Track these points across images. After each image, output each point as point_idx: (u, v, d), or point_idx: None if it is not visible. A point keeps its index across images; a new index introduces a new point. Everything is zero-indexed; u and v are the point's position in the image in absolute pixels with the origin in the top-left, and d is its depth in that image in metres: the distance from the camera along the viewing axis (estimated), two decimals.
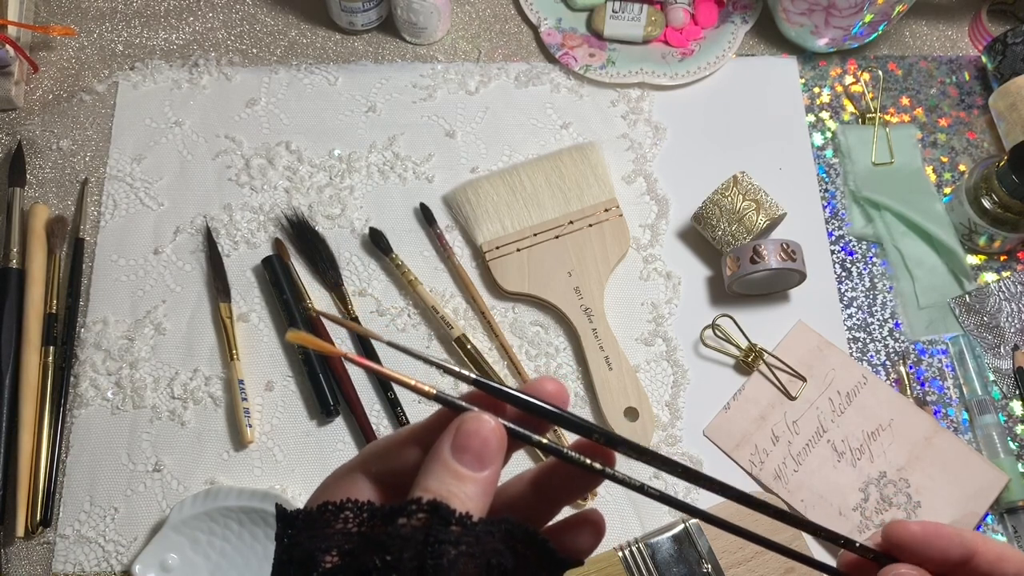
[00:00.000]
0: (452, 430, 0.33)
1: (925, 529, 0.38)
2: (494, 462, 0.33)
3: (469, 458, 0.33)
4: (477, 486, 0.32)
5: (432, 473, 0.33)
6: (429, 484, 0.32)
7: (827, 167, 0.85)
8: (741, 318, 0.76)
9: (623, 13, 0.87)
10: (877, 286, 0.80)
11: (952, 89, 0.88)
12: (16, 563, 0.70)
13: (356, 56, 0.89)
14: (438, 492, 0.32)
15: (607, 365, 0.75)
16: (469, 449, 0.33)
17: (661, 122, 0.86)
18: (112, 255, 0.80)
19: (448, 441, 0.33)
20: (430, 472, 0.33)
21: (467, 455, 0.33)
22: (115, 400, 0.75)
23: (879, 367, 0.77)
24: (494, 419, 0.33)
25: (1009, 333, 0.78)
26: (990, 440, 0.74)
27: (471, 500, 0.32)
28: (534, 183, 0.81)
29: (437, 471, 0.33)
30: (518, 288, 0.78)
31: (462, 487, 0.32)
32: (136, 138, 0.84)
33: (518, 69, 0.88)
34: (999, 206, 0.77)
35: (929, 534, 0.38)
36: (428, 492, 0.32)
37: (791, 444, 0.74)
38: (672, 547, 0.68)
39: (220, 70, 0.87)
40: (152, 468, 0.73)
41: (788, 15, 0.85)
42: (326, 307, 0.78)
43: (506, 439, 0.34)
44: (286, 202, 0.82)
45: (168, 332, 0.77)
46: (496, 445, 0.33)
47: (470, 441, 0.33)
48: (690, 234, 0.82)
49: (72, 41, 0.89)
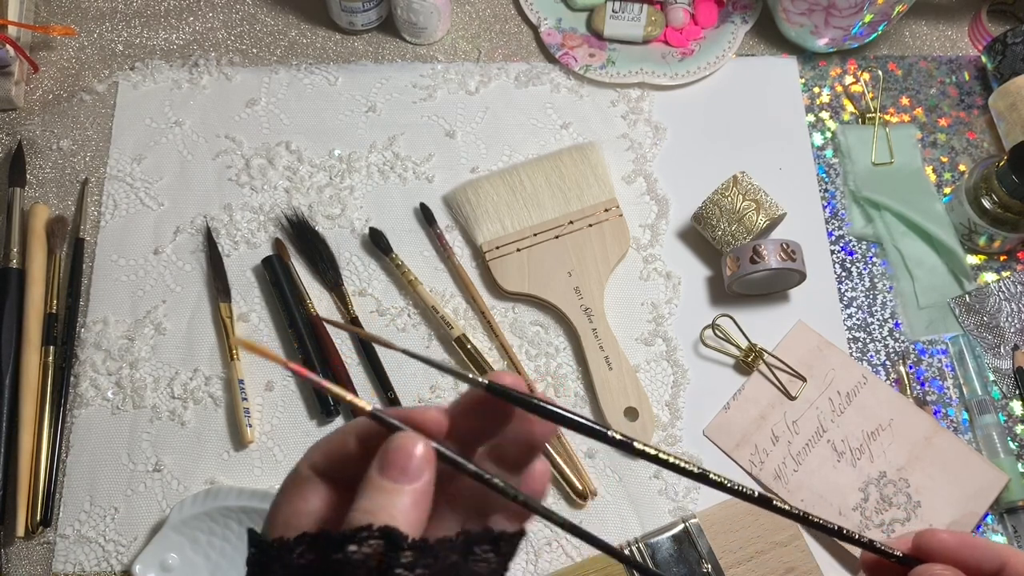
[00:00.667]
0: (381, 451, 0.34)
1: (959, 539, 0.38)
2: (421, 475, 0.34)
3: (395, 472, 0.34)
4: (407, 498, 0.33)
5: (363, 494, 0.34)
6: (361, 504, 0.33)
7: (827, 167, 0.85)
8: (741, 318, 0.76)
9: (623, 13, 0.87)
10: (877, 286, 0.80)
11: (952, 89, 0.88)
12: (16, 563, 0.70)
13: (356, 56, 0.89)
14: (369, 510, 0.33)
15: (607, 365, 0.75)
16: (395, 464, 0.34)
17: (661, 122, 0.86)
18: (112, 255, 0.80)
19: (376, 461, 0.34)
20: (362, 493, 0.34)
21: (393, 470, 0.34)
22: (115, 400, 0.75)
23: (879, 367, 0.77)
24: (420, 438, 0.34)
25: (1009, 333, 0.78)
26: (990, 440, 0.74)
27: (402, 513, 0.33)
28: (534, 183, 0.81)
29: (367, 491, 0.34)
30: (518, 288, 0.78)
31: (392, 500, 0.33)
32: (136, 138, 0.84)
33: (518, 69, 0.88)
34: (999, 206, 0.77)
35: (964, 544, 0.38)
36: (360, 511, 0.33)
37: (791, 444, 0.74)
38: (672, 547, 0.68)
39: (220, 70, 0.87)
40: (152, 468, 0.73)
41: (788, 15, 0.85)
42: (326, 307, 0.78)
43: (433, 455, 0.34)
44: (286, 202, 0.82)
45: (168, 332, 0.77)
46: (421, 458, 0.34)
47: (396, 456, 0.34)
48: (690, 234, 0.82)
49: (72, 41, 0.89)
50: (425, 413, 0.36)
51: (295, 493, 0.36)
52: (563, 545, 0.71)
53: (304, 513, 0.36)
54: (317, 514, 0.36)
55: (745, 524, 0.69)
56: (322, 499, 0.36)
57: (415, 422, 0.35)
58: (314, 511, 0.36)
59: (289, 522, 0.36)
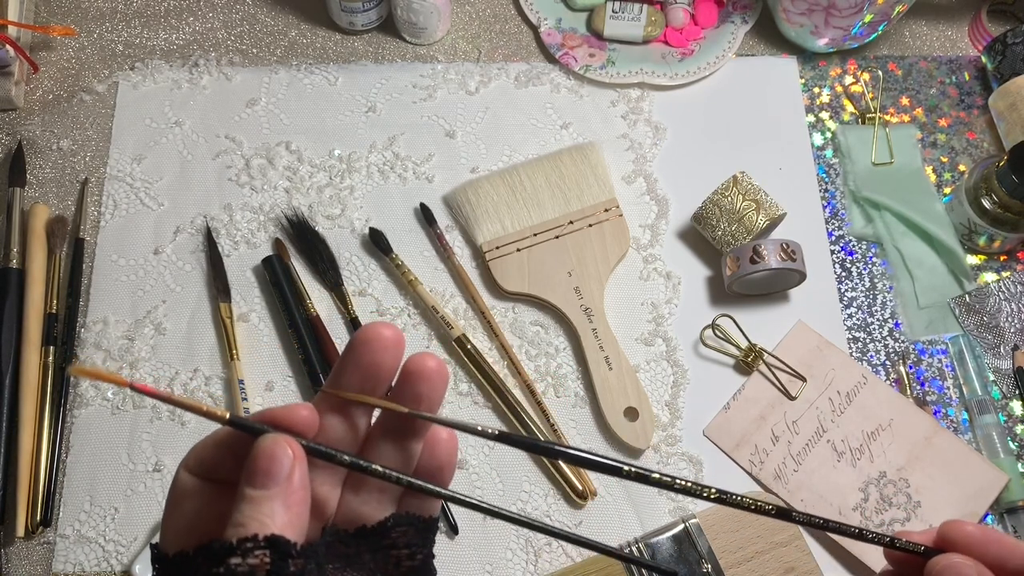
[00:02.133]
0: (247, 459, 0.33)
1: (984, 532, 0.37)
2: (286, 477, 0.32)
3: (260, 478, 0.32)
4: (274, 502, 0.32)
5: (236, 507, 0.33)
6: (234, 518, 0.32)
7: (827, 167, 0.85)
8: (741, 318, 0.76)
9: (623, 13, 0.87)
10: (877, 286, 0.80)
11: (952, 89, 0.88)
12: (16, 563, 0.70)
13: (356, 56, 0.89)
14: (241, 523, 0.32)
15: (607, 365, 0.75)
16: (258, 471, 0.32)
17: (661, 122, 0.86)
18: (112, 255, 0.80)
19: (244, 471, 0.33)
20: (235, 506, 0.33)
21: (257, 476, 0.32)
22: (115, 400, 0.75)
23: (879, 367, 0.77)
24: (285, 437, 0.33)
25: (1009, 333, 0.78)
26: (990, 440, 0.74)
27: (270, 518, 0.32)
28: (534, 183, 0.81)
29: (239, 503, 0.33)
30: (518, 288, 0.78)
31: (262, 509, 0.32)
32: (136, 138, 0.84)
33: (518, 69, 0.88)
34: (999, 206, 0.77)
35: (989, 538, 0.37)
36: (232, 526, 0.32)
37: (791, 444, 0.74)
38: (672, 547, 0.68)
39: (220, 70, 0.87)
40: (152, 468, 0.73)
41: (788, 15, 0.85)
42: (326, 307, 0.78)
43: (301, 453, 0.33)
44: (286, 202, 0.82)
45: (168, 332, 0.77)
46: (285, 460, 0.33)
47: (258, 463, 0.33)
48: (690, 234, 0.82)
49: (72, 41, 0.89)
50: (292, 411, 0.34)
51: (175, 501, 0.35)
52: (563, 545, 0.71)
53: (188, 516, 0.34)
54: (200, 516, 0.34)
55: (745, 524, 0.69)
56: (202, 499, 0.35)
57: (280, 421, 0.34)
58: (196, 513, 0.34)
59: (178, 526, 0.34)
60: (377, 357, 0.35)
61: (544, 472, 0.73)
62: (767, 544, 0.68)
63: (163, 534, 0.35)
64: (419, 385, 0.35)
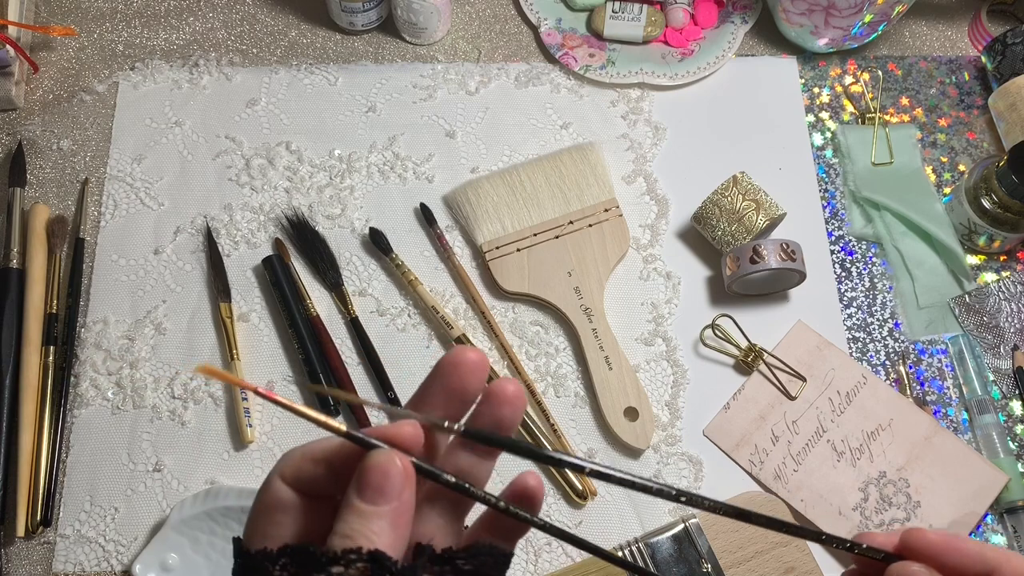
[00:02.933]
0: (358, 471, 0.34)
1: (945, 540, 0.37)
2: (397, 495, 0.33)
3: (371, 493, 0.33)
4: (383, 520, 0.33)
5: (341, 517, 0.33)
6: (339, 528, 0.33)
7: (827, 167, 0.85)
8: (741, 318, 0.76)
9: (623, 13, 0.87)
10: (877, 286, 0.80)
11: (952, 89, 0.88)
12: (16, 563, 0.70)
13: (356, 56, 0.89)
14: (347, 534, 0.32)
15: (607, 365, 0.75)
16: (370, 485, 0.33)
17: (661, 122, 0.86)
18: (112, 255, 0.80)
19: (354, 482, 0.34)
20: (340, 516, 0.33)
21: (368, 491, 0.33)
22: (115, 400, 0.75)
23: (879, 367, 0.77)
24: (397, 454, 0.34)
25: (1009, 333, 0.78)
26: (990, 440, 0.74)
27: (378, 535, 0.32)
28: (534, 183, 0.81)
29: (344, 514, 0.33)
30: (518, 288, 0.78)
31: (367, 524, 0.33)
32: (136, 138, 0.84)
33: (518, 69, 0.88)
34: (999, 206, 0.77)
35: (949, 546, 0.37)
36: (338, 536, 0.33)
37: (791, 444, 0.74)
38: (672, 547, 0.68)
39: (220, 70, 0.87)
40: (152, 468, 0.73)
41: (788, 15, 0.85)
42: (326, 307, 0.78)
43: (412, 471, 0.34)
44: (286, 202, 0.82)
45: (168, 332, 0.77)
46: (398, 478, 0.33)
47: (371, 477, 0.33)
48: (690, 234, 0.82)
49: (72, 41, 0.89)
50: (400, 428, 0.35)
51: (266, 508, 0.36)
52: (563, 545, 0.71)
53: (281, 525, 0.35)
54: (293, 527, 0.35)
55: (745, 524, 0.69)
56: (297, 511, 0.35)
57: (390, 438, 0.35)
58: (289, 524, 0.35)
59: (267, 533, 0.35)
60: (464, 381, 0.36)
61: (544, 472, 0.73)
62: (767, 544, 0.68)
63: (249, 534, 0.36)
64: (501, 408, 0.37)
